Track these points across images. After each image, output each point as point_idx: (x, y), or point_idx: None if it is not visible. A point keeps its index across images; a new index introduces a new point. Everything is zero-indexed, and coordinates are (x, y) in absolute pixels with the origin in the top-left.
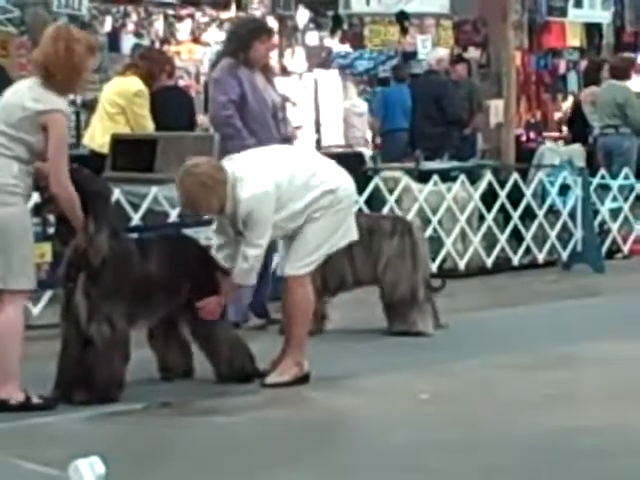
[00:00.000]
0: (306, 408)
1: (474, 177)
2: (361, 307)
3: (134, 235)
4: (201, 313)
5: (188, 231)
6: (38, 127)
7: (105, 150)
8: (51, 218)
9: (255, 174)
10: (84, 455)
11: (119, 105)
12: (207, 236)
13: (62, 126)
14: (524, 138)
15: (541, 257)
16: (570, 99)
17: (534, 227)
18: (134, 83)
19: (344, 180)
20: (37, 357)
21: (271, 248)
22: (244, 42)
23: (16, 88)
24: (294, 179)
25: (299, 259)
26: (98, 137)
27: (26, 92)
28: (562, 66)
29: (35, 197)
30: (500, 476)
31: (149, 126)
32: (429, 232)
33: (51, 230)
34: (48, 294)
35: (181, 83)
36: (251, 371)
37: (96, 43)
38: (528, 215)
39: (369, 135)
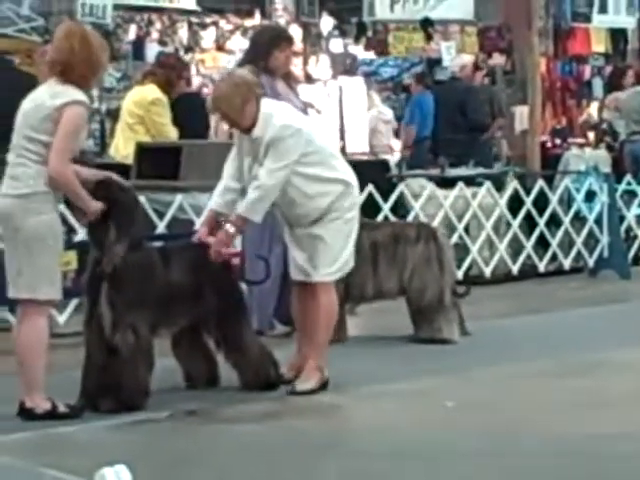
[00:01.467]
0: (331, 415)
1: (499, 184)
2: (386, 314)
3: (158, 243)
4: (211, 250)
5: None
6: None
7: (128, 161)
8: (76, 225)
9: (293, 114)
10: (110, 463)
11: (138, 115)
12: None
13: (77, 114)
14: (549, 144)
15: (567, 263)
16: (594, 105)
17: (560, 233)
18: (151, 92)
19: (357, 186)
20: (63, 366)
21: None
22: (264, 50)
23: (34, 92)
24: (324, 149)
25: (326, 265)
26: (121, 148)
27: (44, 92)
28: (587, 72)
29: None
30: None
31: (171, 133)
32: (454, 239)
33: (76, 238)
34: (74, 302)
35: (205, 91)
36: (276, 379)
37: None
38: (554, 221)
39: (393, 143)
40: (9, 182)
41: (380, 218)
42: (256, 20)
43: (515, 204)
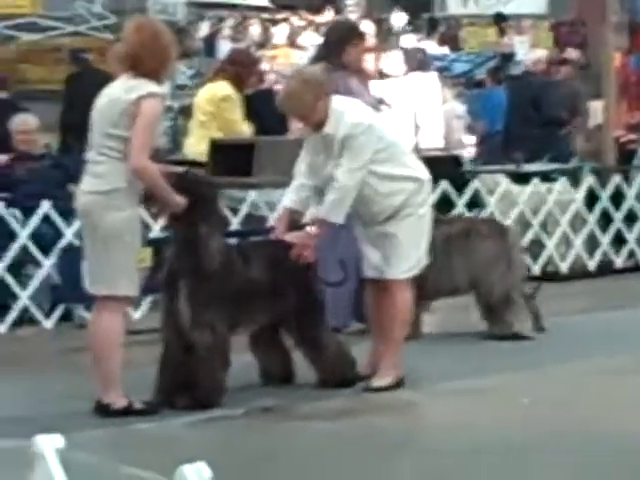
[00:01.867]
0: (407, 413)
1: (574, 179)
2: (459, 310)
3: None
4: (294, 251)
5: None
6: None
7: (202, 158)
8: (150, 222)
9: (363, 111)
10: (187, 460)
11: (209, 112)
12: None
13: (153, 107)
14: (624, 139)
15: None
16: None
17: (637, 229)
18: (222, 88)
19: (429, 182)
20: (138, 363)
21: None
22: (337, 46)
23: (108, 88)
24: (395, 145)
25: (400, 263)
26: (194, 145)
27: (119, 87)
28: None
29: None
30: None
31: (243, 130)
32: (530, 235)
33: (151, 234)
34: (149, 299)
35: (278, 87)
36: (352, 376)
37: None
38: (630, 217)
39: (466, 138)
40: (90, 179)
41: (454, 214)
42: (328, 16)
43: (591, 200)
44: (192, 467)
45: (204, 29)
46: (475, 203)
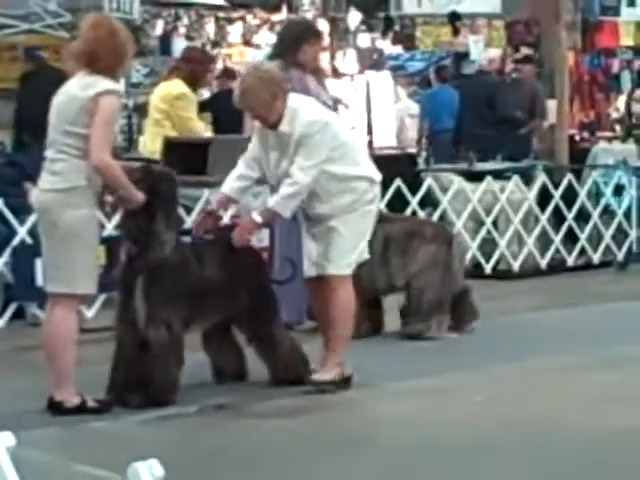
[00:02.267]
0: (360, 410)
1: (527, 178)
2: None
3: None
4: (234, 233)
5: None
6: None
7: (156, 156)
8: (104, 221)
9: (319, 109)
10: (140, 458)
11: (164, 110)
12: None
13: (110, 104)
14: (577, 138)
15: (596, 258)
16: (621, 98)
17: (589, 228)
18: (176, 86)
19: (380, 182)
20: (90, 361)
21: None
22: (293, 45)
23: (65, 86)
24: (349, 144)
25: (342, 257)
26: (149, 144)
27: (75, 85)
28: (615, 65)
29: None
30: (554, 477)
31: (197, 128)
32: (483, 233)
33: (105, 233)
34: (102, 298)
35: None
36: (305, 374)
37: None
38: (583, 216)
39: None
40: (48, 177)
41: (408, 212)
42: (283, 14)
43: (544, 198)
44: (144, 464)
45: (159, 27)
46: (428, 201)
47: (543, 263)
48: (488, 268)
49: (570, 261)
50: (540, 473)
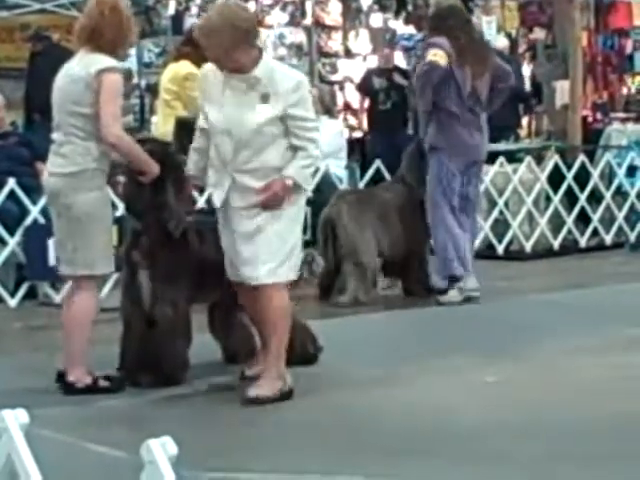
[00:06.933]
0: (374, 391)
1: (540, 159)
2: None
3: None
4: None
5: None
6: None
7: (168, 138)
8: (117, 201)
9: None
10: (152, 436)
11: (173, 91)
12: None
13: (113, 81)
14: (590, 119)
15: (608, 239)
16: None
17: (601, 209)
18: (184, 67)
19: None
20: (105, 340)
21: None
22: None
23: (65, 67)
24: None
25: (279, 262)
26: (161, 126)
27: (76, 64)
28: (629, 46)
29: None
30: (565, 460)
31: None
32: (495, 214)
33: (117, 213)
34: (113, 278)
35: None
36: (313, 352)
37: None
38: (595, 197)
39: None
40: (57, 160)
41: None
42: None
43: (556, 179)
44: (158, 442)
45: (171, 7)
46: None
47: (555, 244)
48: (500, 249)
49: (582, 242)
50: (555, 457)
